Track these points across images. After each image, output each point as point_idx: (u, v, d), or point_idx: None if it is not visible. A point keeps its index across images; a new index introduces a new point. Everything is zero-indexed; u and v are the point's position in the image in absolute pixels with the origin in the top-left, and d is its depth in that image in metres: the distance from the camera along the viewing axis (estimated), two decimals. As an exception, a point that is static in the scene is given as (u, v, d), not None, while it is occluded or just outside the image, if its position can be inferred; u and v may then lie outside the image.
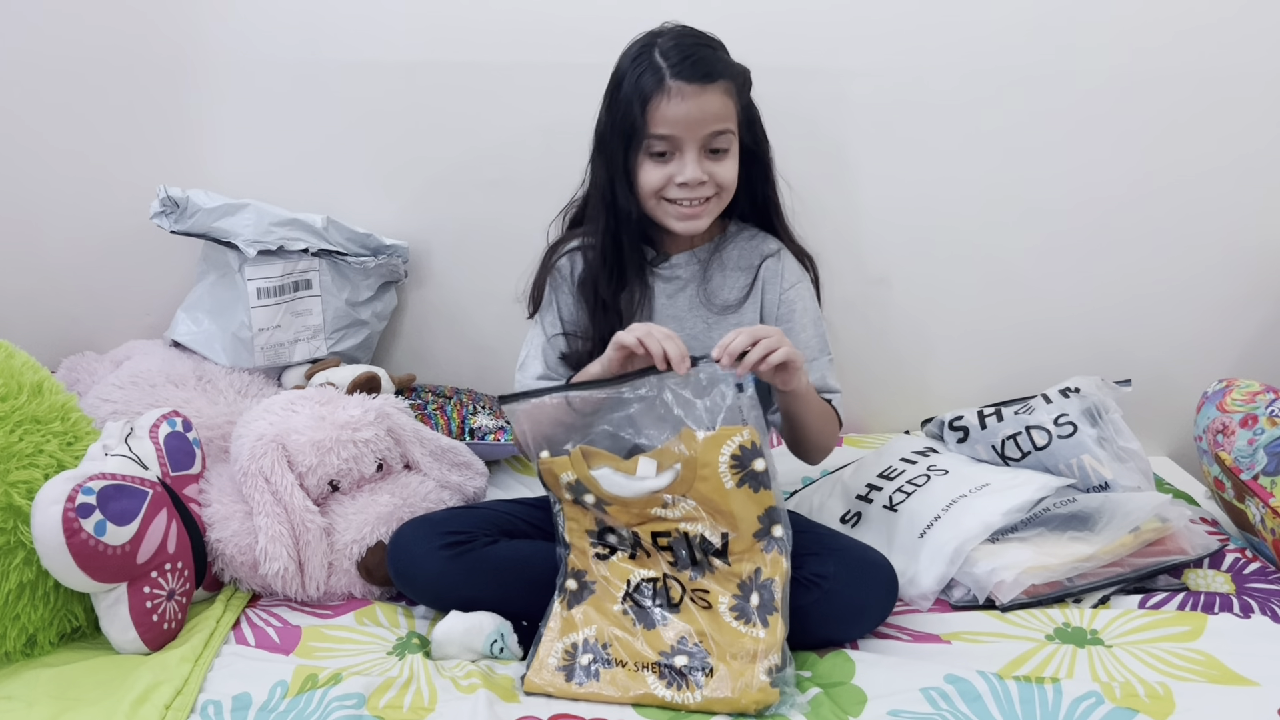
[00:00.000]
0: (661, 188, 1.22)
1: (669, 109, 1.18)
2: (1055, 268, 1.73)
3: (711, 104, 1.19)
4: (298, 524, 1.24)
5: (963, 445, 1.50)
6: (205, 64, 1.66)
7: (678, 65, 1.18)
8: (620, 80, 1.22)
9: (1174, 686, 1.06)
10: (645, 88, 1.18)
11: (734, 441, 1.09)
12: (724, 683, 1.05)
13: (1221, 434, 1.40)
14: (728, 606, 1.11)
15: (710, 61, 1.20)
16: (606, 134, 1.24)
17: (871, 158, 1.68)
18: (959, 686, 1.06)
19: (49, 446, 1.17)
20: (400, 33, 1.64)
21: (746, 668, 1.06)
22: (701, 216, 1.25)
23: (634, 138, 1.20)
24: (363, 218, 1.69)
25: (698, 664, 1.08)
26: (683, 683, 1.07)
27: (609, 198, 1.24)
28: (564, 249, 1.33)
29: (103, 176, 1.70)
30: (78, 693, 1.06)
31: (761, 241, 1.34)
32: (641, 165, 1.22)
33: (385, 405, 1.37)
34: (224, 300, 1.61)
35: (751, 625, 1.09)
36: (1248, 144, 1.66)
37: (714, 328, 1.30)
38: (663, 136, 1.19)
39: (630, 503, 1.12)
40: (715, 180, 1.22)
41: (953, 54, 1.62)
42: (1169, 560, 1.28)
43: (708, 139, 1.20)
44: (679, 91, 1.17)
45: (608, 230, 1.26)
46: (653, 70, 1.18)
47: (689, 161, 1.20)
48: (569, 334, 1.31)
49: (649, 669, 1.09)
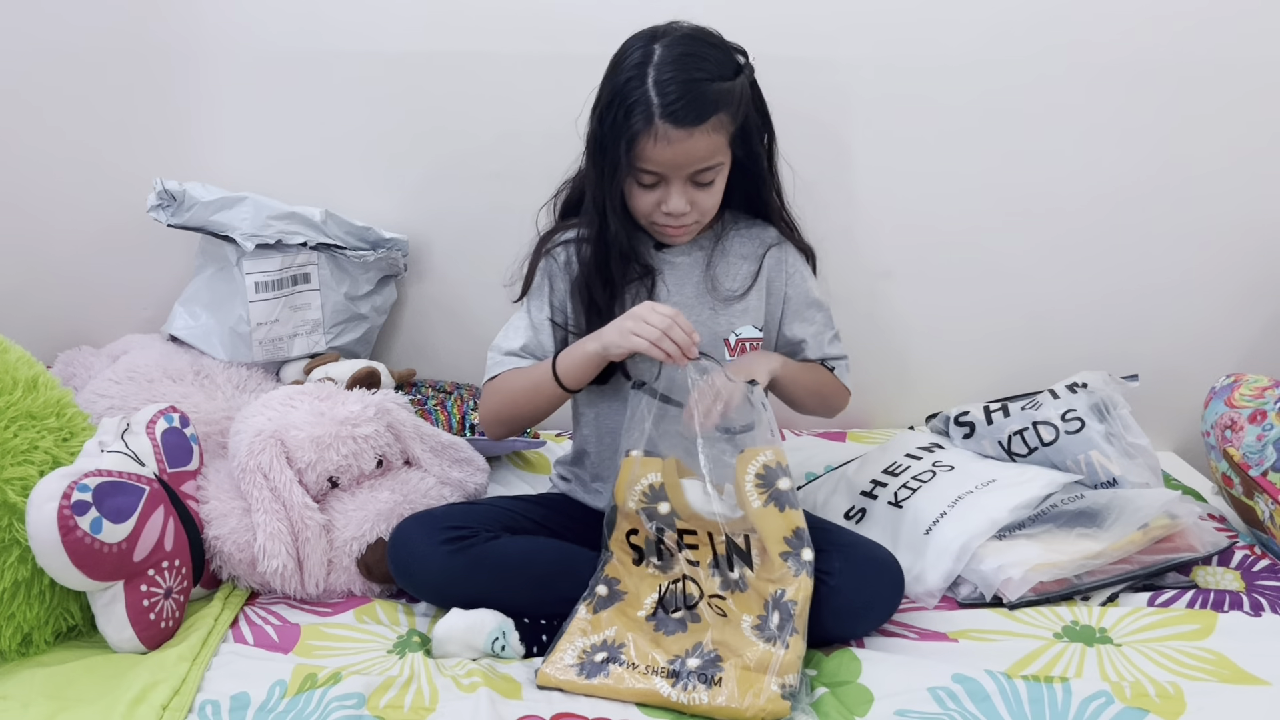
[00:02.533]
0: (650, 213, 1.22)
1: (655, 151, 1.15)
2: (1062, 262, 1.72)
3: (699, 146, 1.16)
4: (297, 521, 1.23)
5: (969, 441, 1.49)
6: (203, 55, 1.64)
7: (669, 106, 1.13)
8: (613, 95, 1.17)
9: (1185, 686, 1.05)
10: (634, 125, 1.14)
11: (758, 460, 1.11)
12: (733, 689, 1.04)
13: (1230, 429, 1.39)
14: (750, 625, 1.10)
15: (702, 101, 1.14)
16: (595, 148, 1.20)
17: (876, 150, 1.67)
18: (967, 686, 1.05)
19: (44, 442, 1.15)
20: (400, 24, 1.62)
21: (758, 678, 1.05)
22: (685, 236, 1.26)
23: (620, 170, 1.18)
24: (362, 211, 1.67)
25: (709, 669, 1.07)
26: (691, 685, 1.06)
27: (599, 208, 1.22)
28: (560, 237, 1.31)
29: (99, 169, 1.68)
30: (74, 692, 1.04)
31: (761, 229, 1.33)
32: (630, 189, 1.21)
33: (385, 401, 1.35)
34: (222, 294, 1.59)
35: (771, 643, 1.08)
36: (1255, 138, 1.65)
37: (719, 315, 1.29)
38: (649, 171, 1.18)
39: (703, 521, 1.15)
40: (698, 208, 1.22)
41: (959, 46, 1.61)
42: (1178, 558, 1.27)
43: (695, 174, 1.19)
44: (665, 136, 1.14)
45: (601, 237, 1.24)
46: (643, 106, 1.14)
47: (674, 193, 1.19)
48: (557, 324, 1.29)
49: (659, 673, 1.08)
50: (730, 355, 1.29)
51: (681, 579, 1.16)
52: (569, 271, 1.29)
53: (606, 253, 1.24)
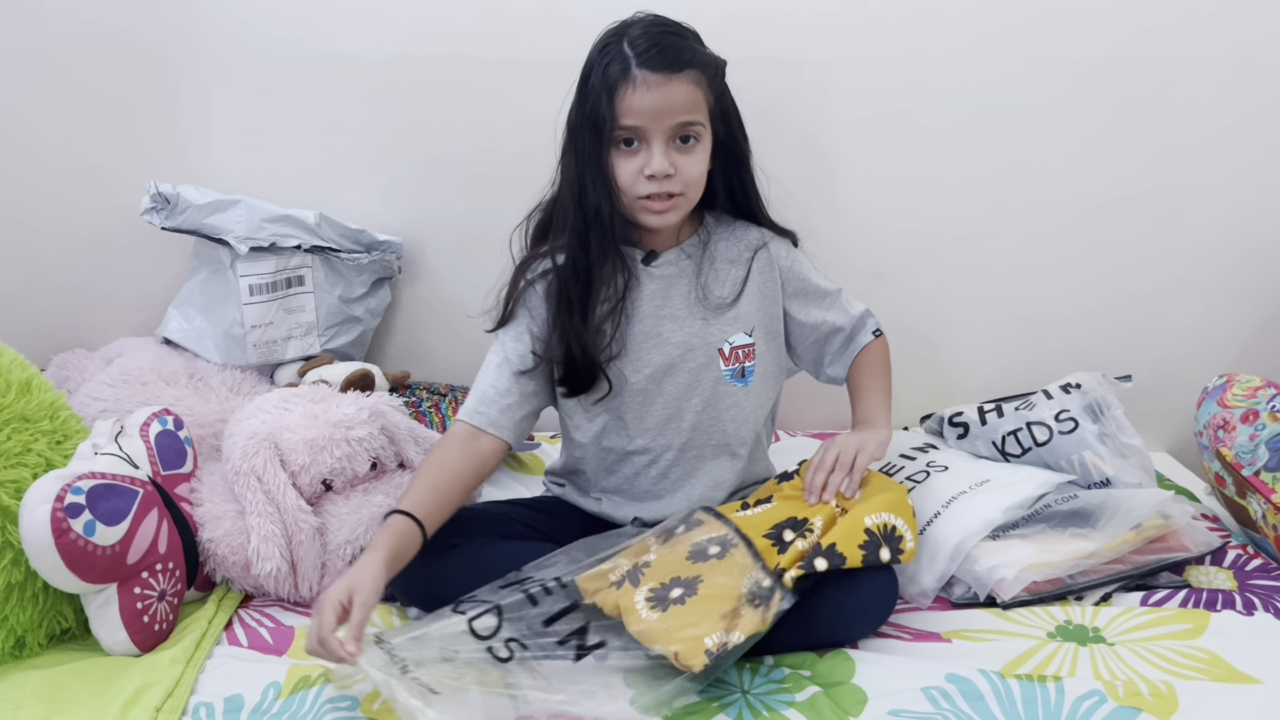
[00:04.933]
0: (633, 184, 1.19)
1: (635, 99, 1.15)
2: (1056, 265, 1.72)
3: (678, 94, 1.16)
4: (290, 524, 1.22)
5: (963, 441, 1.49)
6: (196, 59, 1.64)
7: (644, 54, 1.15)
8: (589, 72, 1.19)
9: (1177, 685, 1.05)
10: (612, 77, 1.16)
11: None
12: (680, 618, 1.05)
13: (1222, 429, 1.39)
14: (746, 590, 1.09)
15: (678, 50, 1.17)
16: (577, 126, 1.20)
17: (867, 152, 1.67)
18: (960, 686, 1.05)
19: (37, 445, 1.15)
20: (393, 27, 1.62)
21: (707, 626, 1.04)
22: (670, 212, 1.22)
23: (602, 129, 1.17)
24: (356, 213, 1.67)
25: (683, 594, 1.08)
26: (660, 605, 1.07)
27: (578, 191, 1.20)
28: (536, 268, 1.27)
29: (93, 172, 1.68)
30: (67, 695, 1.04)
31: (744, 230, 1.32)
32: (613, 158, 1.19)
33: (379, 403, 1.35)
34: (216, 297, 1.59)
35: (756, 607, 1.07)
36: (1248, 137, 1.65)
37: (711, 324, 1.28)
38: (629, 127, 1.17)
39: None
40: (681, 174, 1.19)
41: (954, 48, 1.61)
42: (1171, 557, 1.27)
43: (675, 129, 1.18)
44: (644, 81, 1.15)
45: (575, 230, 1.21)
46: (619, 60, 1.16)
47: (655, 153, 1.17)
48: (538, 355, 1.26)
49: (645, 589, 1.10)
50: (725, 365, 1.28)
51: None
52: (545, 305, 1.26)
53: (582, 250, 1.21)
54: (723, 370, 1.28)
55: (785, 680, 1.08)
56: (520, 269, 1.28)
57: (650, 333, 1.27)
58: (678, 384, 1.28)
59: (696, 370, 1.27)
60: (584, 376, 1.25)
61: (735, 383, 1.29)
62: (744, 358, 1.29)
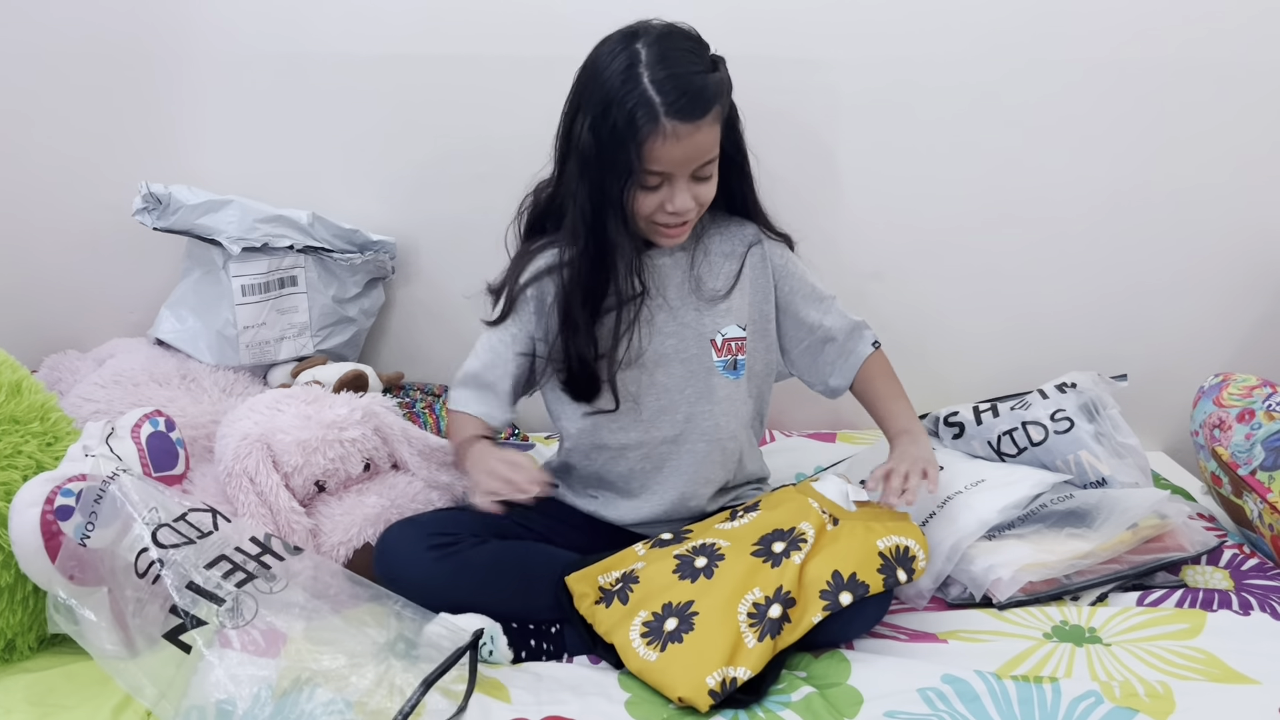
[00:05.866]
0: (651, 214, 1.20)
1: (664, 150, 1.14)
2: (1051, 263, 1.72)
3: (704, 139, 1.16)
4: (283, 525, 1.22)
5: (958, 441, 1.48)
6: (188, 57, 1.63)
7: (674, 103, 1.12)
8: (607, 104, 1.14)
9: (1174, 685, 1.05)
10: (640, 126, 1.12)
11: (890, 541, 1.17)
12: (680, 659, 1.05)
13: (1218, 429, 1.39)
14: (746, 611, 1.09)
15: (702, 94, 1.14)
16: (592, 159, 1.17)
17: (863, 151, 1.67)
18: (956, 686, 1.04)
19: (27, 447, 1.14)
20: (387, 26, 1.62)
21: (708, 664, 1.04)
22: (683, 235, 1.24)
23: (630, 176, 1.15)
24: (349, 213, 1.67)
25: (679, 628, 1.08)
26: (657, 641, 1.07)
27: (593, 222, 1.19)
28: (537, 266, 1.27)
29: (84, 172, 1.67)
30: (57, 699, 1.04)
31: (738, 226, 1.32)
32: (635, 197, 1.19)
33: (372, 404, 1.35)
34: (208, 297, 1.59)
35: (755, 629, 1.07)
36: (1243, 136, 1.65)
37: (704, 315, 1.28)
38: (656, 172, 1.17)
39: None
40: (699, 202, 1.21)
41: (952, 47, 1.61)
42: (1167, 557, 1.27)
43: (698, 169, 1.19)
44: (674, 132, 1.13)
45: (586, 254, 1.21)
46: (645, 106, 1.12)
47: (679, 191, 1.18)
48: (536, 354, 1.29)
49: (639, 620, 1.10)
50: (718, 356, 1.28)
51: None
52: (544, 308, 1.27)
53: (592, 271, 1.21)
54: (715, 361, 1.28)
55: (780, 681, 1.08)
56: (519, 263, 1.29)
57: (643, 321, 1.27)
58: (671, 374, 1.28)
59: (689, 360, 1.28)
60: (587, 386, 1.26)
61: (728, 374, 1.29)
62: (736, 350, 1.29)
